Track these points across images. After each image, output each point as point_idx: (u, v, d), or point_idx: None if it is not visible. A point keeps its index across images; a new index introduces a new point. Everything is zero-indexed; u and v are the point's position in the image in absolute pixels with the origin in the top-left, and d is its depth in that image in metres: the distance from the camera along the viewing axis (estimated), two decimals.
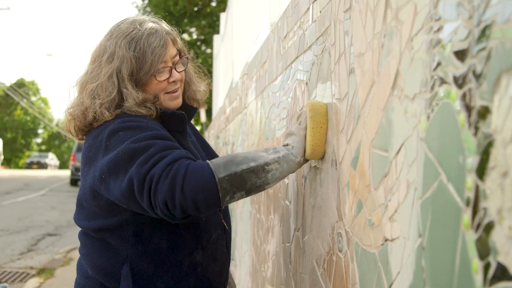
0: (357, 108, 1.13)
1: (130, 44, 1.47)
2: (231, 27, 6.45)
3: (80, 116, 1.48)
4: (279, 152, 1.36)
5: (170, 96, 1.54)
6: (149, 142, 1.34)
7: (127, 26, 1.51)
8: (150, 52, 1.47)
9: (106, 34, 1.55)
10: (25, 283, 5.32)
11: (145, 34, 1.48)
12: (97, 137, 1.43)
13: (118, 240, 1.49)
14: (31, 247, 7.27)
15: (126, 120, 1.42)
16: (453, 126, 0.72)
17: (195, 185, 1.27)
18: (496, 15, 0.62)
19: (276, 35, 2.22)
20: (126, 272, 1.47)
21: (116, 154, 1.35)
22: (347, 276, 1.19)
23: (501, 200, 0.60)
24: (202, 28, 18.25)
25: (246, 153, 1.36)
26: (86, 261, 1.55)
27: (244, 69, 3.77)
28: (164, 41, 1.50)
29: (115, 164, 1.34)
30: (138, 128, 1.39)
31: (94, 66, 1.50)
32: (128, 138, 1.36)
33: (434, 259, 0.77)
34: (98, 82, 1.46)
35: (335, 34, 1.31)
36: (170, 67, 1.51)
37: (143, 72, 1.47)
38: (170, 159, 1.30)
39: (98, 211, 1.48)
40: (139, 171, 1.29)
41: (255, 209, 2.87)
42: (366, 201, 1.07)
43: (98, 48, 1.53)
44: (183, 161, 1.30)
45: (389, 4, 0.96)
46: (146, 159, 1.30)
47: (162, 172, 1.27)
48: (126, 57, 1.46)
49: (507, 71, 0.60)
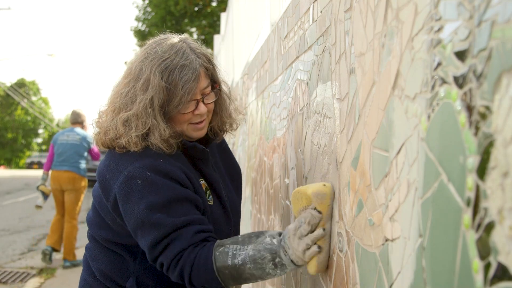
0: (357, 108, 1.13)
1: (164, 73, 1.43)
2: (232, 27, 6.44)
3: (113, 138, 1.47)
4: (286, 268, 1.33)
5: (194, 127, 1.51)
6: (160, 219, 1.37)
7: (164, 51, 1.45)
8: (181, 86, 1.43)
9: (142, 53, 1.50)
10: (26, 283, 5.33)
11: (179, 65, 1.43)
12: (118, 166, 1.45)
13: (127, 254, 1.52)
14: (31, 247, 7.28)
15: (147, 167, 1.41)
16: (453, 126, 0.72)
17: (201, 280, 1.38)
18: (496, 15, 0.62)
19: (276, 35, 2.22)
20: (131, 285, 1.51)
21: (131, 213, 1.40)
22: (347, 276, 1.19)
23: (501, 200, 0.60)
24: (202, 28, 18.25)
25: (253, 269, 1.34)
26: (93, 264, 1.57)
27: (245, 69, 3.77)
28: (196, 75, 1.45)
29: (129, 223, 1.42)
30: (155, 186, 1.39)
31: (129, 89, 1.46)
32: (145, 195, 1.39)
33: (435, 259, 0.77)
34: (133, 112, 1.43)
35: (336, 34, 1.31)
36: (197, 100, 1.47)
37: (172, 106, 1.44)
38: (177, 250, 1.37)
39: (112, 224, 1.51)
40: (150, 253, 1.40)
41: (255, 209, 2.88)
42: (366, 201, 1.07)
43: (133, 68, 1.48)
44: (190, 253, 1.37)
45: (389, 4, 0.96)
46: (155, 241, 1.38)
47: (170, 263, 1.38)
48: (159, 87, 1.42)
49: (508, 71, 0.60)
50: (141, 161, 1.42)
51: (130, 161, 1.43)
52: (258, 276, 1.35)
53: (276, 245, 1.33)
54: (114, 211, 1.46)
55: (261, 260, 1.33)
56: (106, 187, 1.46)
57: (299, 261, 1.31)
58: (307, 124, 1.61)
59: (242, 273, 1.34)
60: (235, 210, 1.65)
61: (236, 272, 1.35)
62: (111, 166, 1.46)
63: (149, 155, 1.43)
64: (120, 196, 1.41)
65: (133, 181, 1.40)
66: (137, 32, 20.02)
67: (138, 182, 1.39)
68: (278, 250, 1.32)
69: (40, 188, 6.16)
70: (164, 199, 1.39)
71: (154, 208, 1.38)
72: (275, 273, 1.34)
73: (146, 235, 1.39)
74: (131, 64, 1.51)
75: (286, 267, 1.33)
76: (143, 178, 1.40)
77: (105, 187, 1.46)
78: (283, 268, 1.33)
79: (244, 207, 3.43)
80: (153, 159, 1.43)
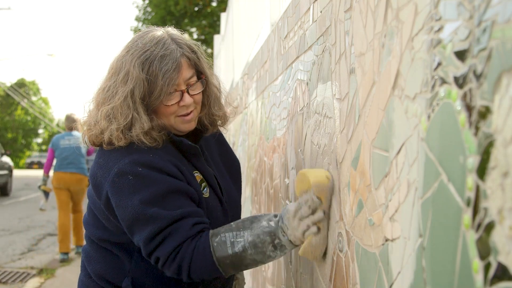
0: (357, 108, 1.13)
1: (144, 65, 1.42)
2: (232, 27, 6.45)
3: (98, 134, 1.46)
4: (285, 249, 1.35)
5: (182, 119, 1.49)
6: (154, 212, 1.36)
7: (144, 43, 1.45)
8: (161, 76, 1.41)
9: (125, 45, 1.50)
10: (26, 283, 5.33)
11: (159, 56, 1.42)
12: (107, 164, 1.43)
13: (123, 253, 1.51)
14: (31, 247, 7.28)
15: (136, 162, 1.39)
16: (453, 126, 0.72)
17: (200, 272, 1.37)
18: (496, 15, 0.62)
19: (276, 35, 2.22)
20: (127, 284, 1.50)
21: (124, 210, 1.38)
22: (347, 276, 1.19)
23: (501, 200, 0.60)
24: (202, 28, 18.25)
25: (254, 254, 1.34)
26: (88, 265, 1.57)
27: (245, 69, 3.77)
28: (177, 64, 1.43)
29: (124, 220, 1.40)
30: (147, 179, 1.38)
31: (110, 84, 1.46)
32: (137, 190, 1.37)
33: (435, 259, 0.77)
34: (113, 105, 1.43)
35: (336, 34, 1.31)
36: (182, 91, 1.46)
37: (153, 97, 1.43)
38: (175, 243, 1.36)
39: (106, 223, 1.50)
40: (146, 247, 1.38)
41: (255, 209, 2.88)
42: (366, 201, 1.07)
43: (116, 61, 1.48)
44: (188, 245, 1.36)
45: (389, 4, 0.96)
46: (152, 234, 1.36)
47: (167, 258, 1.36)
48: (139, 79, 1.41)
49: (508, 71, 0.60)
50: (130, 157, 1.40)
51: (118, 157, 1.41)
52: (259, 260, 1.35)
53: (274, 227, 1.34)
54: (107, 209, 1.44)
55: (261, 244, 1.33)
56: (97, 186, 1.45)
57: (297, 241, 1.33)
58: (307, 124, 1.60)
59: (243, 259, 1.35)
60: (233, 204, 1.63)
61: (237, 260, 1.35)
62: (100, 163, 1.45)
63: (137, 150, 1.42)
64: (112, 193, 1.40)
65: (123, 177, 1.38)
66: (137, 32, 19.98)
67: (129, 178, 1.38)
68: (276, 231, 1.33)
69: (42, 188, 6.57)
70: (157, 193, 1.37)
71: (148, 202, 1.36)
72: (275, 254, 1.35)
73: (141, 230, 1.37)
74: (113, 59, 1.51)
75: (286, 247, 1.34)
76: (134, 173, 1.38)
77: (97, 185, 1.45)
78: (282, 249, 1.34)
79: (244, 207, 3.43)
80: (142, 154, 1.41)
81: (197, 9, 18.54)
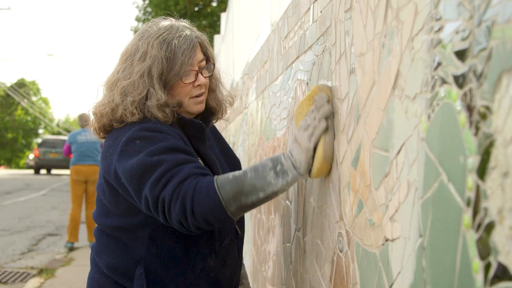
0: (357, 108, 1.13)
1: (162, 44, 1.49)
2: (232, 27, 6.45)
3: (109, 112, 1.49)
4: (287, 176, 1.32)
5: (195, 100, 1.55)
6: (160, 158, 1.36)
7: (158, 28, 1.52)
8: (181, 54, 1.48)
9: (136, 35, 1.57)
10: (26, 283, 5.33)
11: (176, 35, 1.50)
12: (116, 139, 1.46)
13: (134, 241, 1.50)
14: (32, 247, 7.28)
15: (144, 128, 1.43)
16: (453, 126, 0.72)
17: (202, 206, 1.31)
18: (496, 15, 0.63)
19: (276, 35, 2.22)
20: (140, 272, 1.49)
21: (131, 167, 1.38)
22: (347, 276, 1.19)
23: (501, 200, 0.60)
24: (202, 28, 18.25)
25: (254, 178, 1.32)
26: (99, 260, 1.57)
27: (245, 69, 3.77)
28: (193, 44, 1.52)
29: (131, 177, 1.38)
30: (154, 139, 1.41)
31: (126, 65, 1.51)
32: (144, 149, 1.39)
33: (435, 259, 0.77)
34: (130, 80, 1.47)
35: (336, 34, 1.31)
36: (196, 71, 1.53)
37: (172, 74, 1.48)
38: (179, 180, 1.33)
39: (115, 209, 1.51)
40: (152, 192, 1.35)
41: (255, 209, 2.88)
42: (366, 201, 1.07)
43: (129, 48, 1.54)
44: (191, 180, 1.34)
45: (389, 4, 0.96)
46: (157, 178, 1.34)
47: (172, 195, 1.33)
48: (158, 57, 1.47)
49: (508, 71, 0.60)
50: (139, 126, 1.44)
51: (127, 130, 1.44)
52: (259, 187, 1.31)
53: (277, 155, 1.35)
54: (116, 183, 1.44)
55: (262, 168, 1.32)
56: (108, 166, 1.45)
57: (303, 159, 1.31)
58: None
59: (243, 183, 1.31)
60: None
61: (237, 185, 1.31)
62: (109, 144, 1.47)
63: (147, 122, 1.45)
64: (118, 160, 1.41)
65: (131, 143, 1.40)
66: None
67: (137, 142, 1.40)
68: (279, 157, 1.34)
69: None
70: (163, 147, 1.39)
71: (153, 153, 1.37)
72: (277, 182, 1.31)
73: (148, 179, 1.35)
74: (125, 47, 1.56)
75: (288, 174, 1.31)
76: (141, 137, 1.41)
77: (107, 165, 1.45)
78: (284, 176, 1.32)
79: None
80: (151, 124, 1.45)
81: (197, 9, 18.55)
